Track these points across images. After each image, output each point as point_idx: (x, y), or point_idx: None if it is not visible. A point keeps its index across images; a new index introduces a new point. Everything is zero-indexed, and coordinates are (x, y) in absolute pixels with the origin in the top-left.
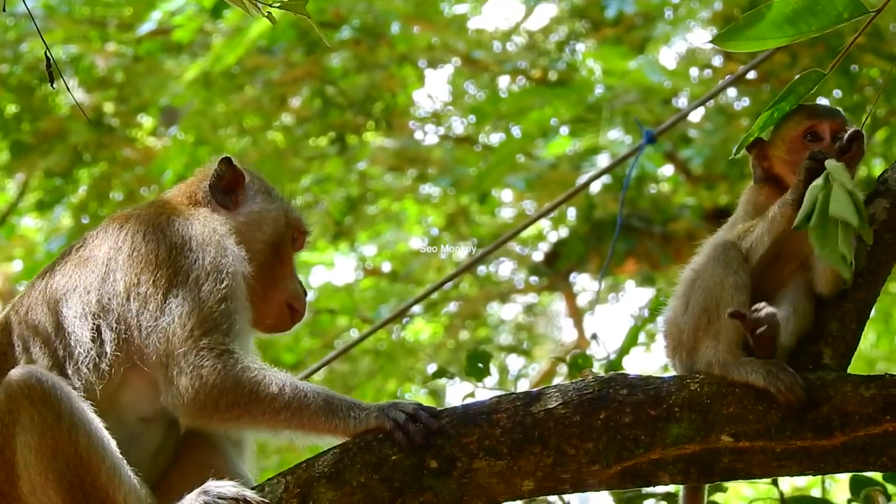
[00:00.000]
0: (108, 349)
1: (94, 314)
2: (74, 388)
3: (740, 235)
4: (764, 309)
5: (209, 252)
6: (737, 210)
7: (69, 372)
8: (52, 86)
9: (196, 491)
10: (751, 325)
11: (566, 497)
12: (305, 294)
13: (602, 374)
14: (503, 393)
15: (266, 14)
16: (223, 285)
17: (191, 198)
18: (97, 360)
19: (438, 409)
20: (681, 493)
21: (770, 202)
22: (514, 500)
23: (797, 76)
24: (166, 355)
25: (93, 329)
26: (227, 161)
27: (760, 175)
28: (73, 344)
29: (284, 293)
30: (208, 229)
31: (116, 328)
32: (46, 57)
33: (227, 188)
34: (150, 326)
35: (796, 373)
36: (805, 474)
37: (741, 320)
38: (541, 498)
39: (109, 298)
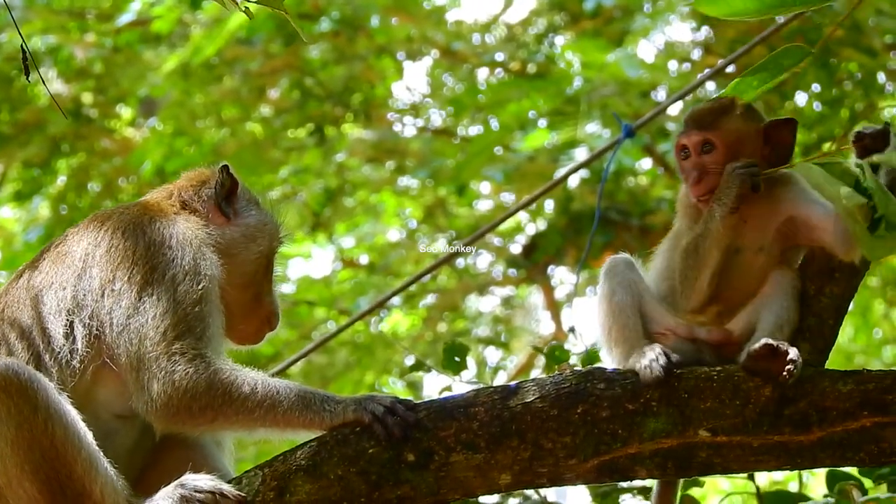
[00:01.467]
0: (79, 346)
1: (69, 310)
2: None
3: (687, 250)
4: (794, 353)
5: (188, 252)
6: (677, 216)
7: (45, 368)
8: (27, 79)
9: (173, 484)
10: (781, 370)
11: (543, 491)
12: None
13: (579, 367)
14: (481, 386)
15: (243, 9)
16: (199, 287)
17: (183, 204)
18: (69, 356)
19: (415, 402)
20: (654, 489)
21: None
22: (492, 493)
23: (781, 48)
24: (137, 358)
25: (66, 325)
26: (226, 169)
27: None
28: (47, 340)
29: (267, 308)
30: (190, 232)
31: (89, 324)
32: (22, 49)
33: (227, 198)
34: (121, 324)
35: (665, 355)
36: (782, 469)
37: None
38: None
39: (84, 294)
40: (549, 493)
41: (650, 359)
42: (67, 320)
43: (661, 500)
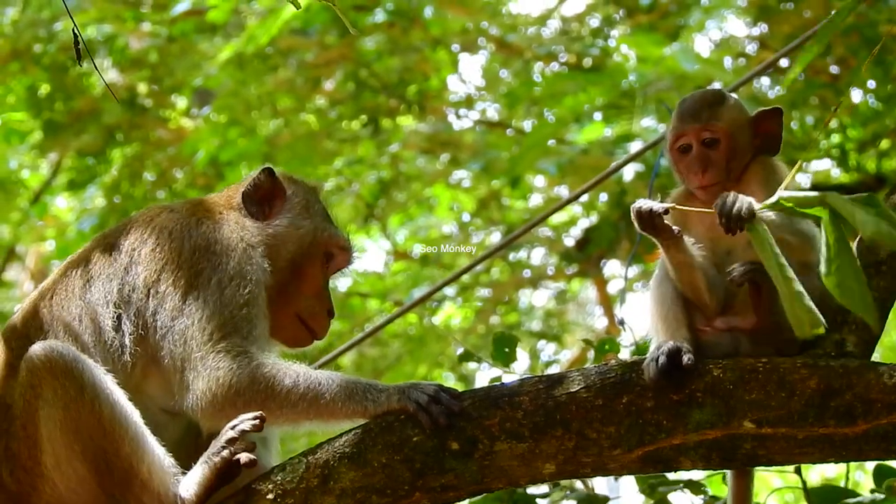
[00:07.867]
0: (127, 342)
1: (116, 303)
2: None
3: (679, 280)
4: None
5: (233, 257)
6: None
7: (94, 354)
8: (79, 63)
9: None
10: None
11: (591, 484)
12: (330, 315)
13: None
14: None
15: (291, 0)
16: (245, 291)
17: (228, 202)
18: (120, 351)
19: (459, 391)
20: (728, 480)
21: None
22: (535, 483)
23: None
24: (182, 359)
25: (114, 318)
26: (267, 171)
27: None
28: (98, 330)
29: (297, 308)
30: (236, 235)
31: (135, 322)
32: (74, 34)
33: (262, 198)
34: (166, 326)
35: (668, 355)
36: (827, 461)
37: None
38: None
39: (130, 291)
40: (601, 486)
41: (651, 357)
42: (115, 313)
43: (737, 490)
